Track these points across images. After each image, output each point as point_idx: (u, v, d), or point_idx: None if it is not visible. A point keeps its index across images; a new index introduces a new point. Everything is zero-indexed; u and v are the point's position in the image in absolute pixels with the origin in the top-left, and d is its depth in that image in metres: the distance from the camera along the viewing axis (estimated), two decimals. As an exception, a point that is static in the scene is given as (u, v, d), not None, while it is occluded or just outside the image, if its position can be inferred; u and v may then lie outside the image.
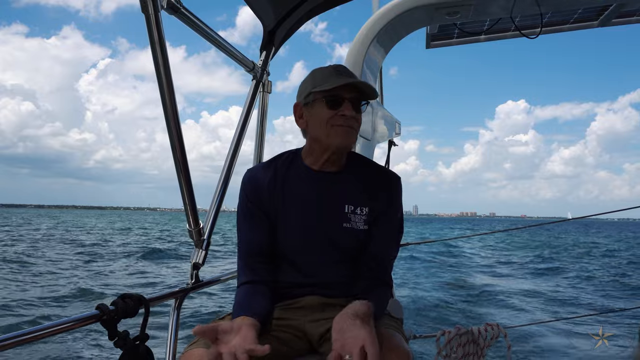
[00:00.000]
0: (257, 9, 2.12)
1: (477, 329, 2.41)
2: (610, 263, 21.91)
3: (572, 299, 12.57)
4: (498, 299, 12.19)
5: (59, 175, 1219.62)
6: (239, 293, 1.45)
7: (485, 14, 2.76)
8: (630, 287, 14.54)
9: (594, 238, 48.42)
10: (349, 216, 1.50)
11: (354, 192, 1.52)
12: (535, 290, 13.75)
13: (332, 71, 1.45)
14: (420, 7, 2.48)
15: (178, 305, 1.70)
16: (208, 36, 1.82)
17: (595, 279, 16.25)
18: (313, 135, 1.48)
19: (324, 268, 1.50)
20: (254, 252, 1.50)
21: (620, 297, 13.04)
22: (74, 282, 13.33)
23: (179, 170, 1.63)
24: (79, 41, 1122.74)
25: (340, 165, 1.55)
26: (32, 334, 1.17)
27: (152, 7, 1.33)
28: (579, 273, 17.66)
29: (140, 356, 1.43)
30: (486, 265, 20.84)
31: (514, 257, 25.08)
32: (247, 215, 1.52)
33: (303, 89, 1.49)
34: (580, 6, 2.96)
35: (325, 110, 1.43)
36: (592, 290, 13.97)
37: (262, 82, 2.30)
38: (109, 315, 1.35)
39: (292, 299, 1.51)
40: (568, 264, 21.04)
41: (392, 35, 2.75)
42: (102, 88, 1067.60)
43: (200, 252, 1.83)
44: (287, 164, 1.56)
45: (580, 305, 11.78)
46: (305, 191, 1.51)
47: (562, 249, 30.96)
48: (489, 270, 18.98)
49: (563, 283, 15.47)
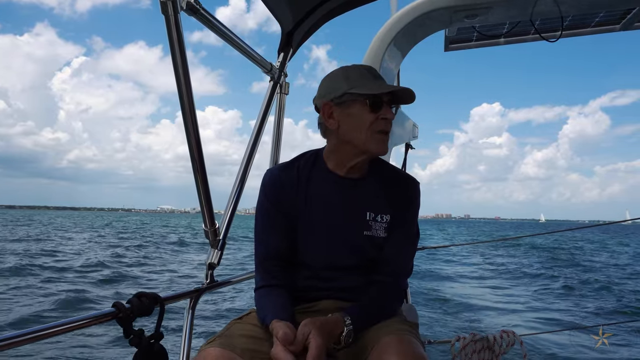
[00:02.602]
0: (276, 11, 2.13)
1: (493, 335, 2.38)
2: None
3: (592, 308, 12.33)
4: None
5: (31, 175, 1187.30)
6: (263, 297, 1.45)
7: (505, 17, 2.73)
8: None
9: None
10: (370, 223, 1.49)
11: (376, 199, 1.51)
12: (552, 298, 13.53)
13: (367, 73, 1.44)
14: (438, 9, 2.46)
15: (193, 305, 1.71)
16: (227, 37, 1.82)
17: (615, 288, 15.92)
18: (346, 138, 1.45)
19: (341, 273, 1.49)
20: (272, 255, 1.49)
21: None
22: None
23: (196, 173, 1.64)
24: (53, 39, 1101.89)
25: (364, 171, 1.53)
26: (50, 329, 1.18)
27: (171, 8, 1.34)
28: (601, 281, 17.32)
29: (155, 354, 1.43)
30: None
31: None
32: (267, 217, 1.51)
33: (334, 88, 1.45)
34: (601, 9, 2.91)
35: (366, 113, 1.41)
36: (615, 300, 13.69)
37: (279, 83, 2.31)
38: (124, 313, 1.36)
39: (308, 302, 1.51)
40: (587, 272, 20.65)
41: (409, 38, 2.74)
42: (76, 87, 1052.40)
43: (215, 252, 1.84)
44: (310, 166, 1.53)
45: (599, 314, 11.56)
46: (328, 196, 1.49)
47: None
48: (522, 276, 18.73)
49: (583, 291, 15.18)
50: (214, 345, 1.30)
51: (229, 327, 1.44)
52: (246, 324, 1.45)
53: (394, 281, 1.50)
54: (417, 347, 1.28)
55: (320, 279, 1.50)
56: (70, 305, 10.35)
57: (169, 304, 1.54)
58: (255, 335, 1.39)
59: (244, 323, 1.46)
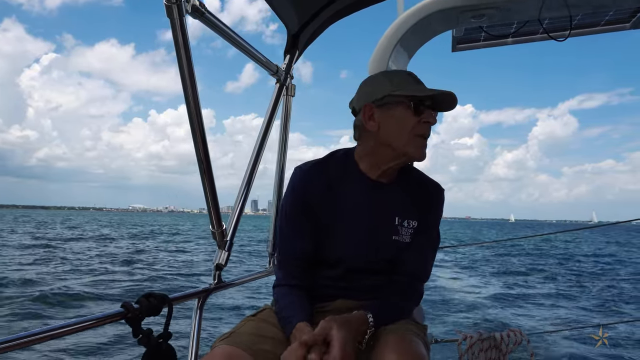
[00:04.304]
0: (281, 13, 2.13)
1: (500, 334, 2.38)
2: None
3: (599, 306, 12.24)
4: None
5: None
6: (285, 296, 1.45)
7: (512, 17, 2.71)
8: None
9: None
10: (398, 228, 1.50)
11: (404, 205, 1.51)
12: (561, 297, 13.44)
13: (409, 77, 1.45)
14: (444, 10, 2.46)
15: (201, 305, 1.73)
16: (232, 40, 1.83)
17: (623, 287, 15.78)
18: (386, 140, 1.45)
19: (363, 275, 1.50)
20: (296, 255, 1.49)
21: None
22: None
23: (202, 174, 1.65)
24: (21, 35, 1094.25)
25: (393, 176, 1.54)
26: (60, 329, 1.21)
27: (177, 11, 1.34)
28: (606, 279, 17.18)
29: (163, 354, 1.45)
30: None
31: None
32: (294, 217, 1.50)
33: (376, 90, 1.45)
34: (611, 8, 2.88)
35: (409, 116, 1.41)
36: (622, 299, 13.58)
37: (285, 85, 2.31)
38: (133, 313, 1.38)
39: (322, 302, 1.51)
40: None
41: (416, 39, 2.73)
42: (46, 84, 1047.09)
43: (223, 253, 1.85)
44: (341, 167, 1.53)
45: (607, 312, 11.47)
46: (358, 198, 1.49)
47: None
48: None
49: (590, 290, 15.08)
50: (225, 342, 1.31)
51: (243, 324, 1.45)
52: (260, 321, 1.46)
53: (413, 283, 1.52)
54: (417, 347, 1.29)
55: (341, 279, 1.50)
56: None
57: (177, 304, 1.56)
58: (267, 334, 1.40)
59: (258, 320, 1.47)
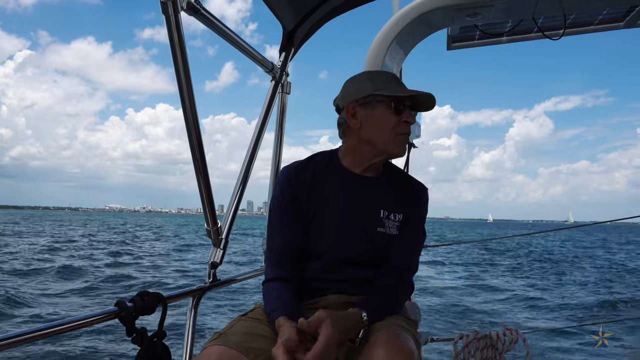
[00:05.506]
0: (277, 10, 2.13)
1: (496, 333, 2.37)
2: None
3: (594, 305, 12.29)
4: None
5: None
6: (272, 290, 1.46)
7: (507, 16, 2.71)
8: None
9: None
10: (383, 221, 1.54)
11: (389, 199, 1.56)
12: (554, 296, 13.49)
13: (391, 78, 1.53)
14: (439, 8, 2.46)
15: (195, 304, 1.72)
16: (228, 37, 1.83)
17: (617, 285, 15.86)
18: (367, 138, 1.51)
19: (352, 267, 1.52)
20: (285, 250, 1.52)
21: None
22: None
23: (198, 173, 1.65)
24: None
25: (379, 171, 1.60)
26: (52, 329, 1.19)
27: (172, 8, 1.34)
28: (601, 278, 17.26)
29: (157, 353, 1.44)
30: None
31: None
32: (282, 212, 1.54)
33: (359, 89, 1.51)
34: (605, 7, 2.89)
35: (390, 115, 1.48)
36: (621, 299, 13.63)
37: (281, 83, 2.31)
38: (127, 312, 1.37)
39: (313, 298, 1.53)
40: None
41: (411, 37, 2.73)
42: (20, 81, 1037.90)
43: (217, 251, 1.84)
44: (325, 164, 1.59)
45: (602, 312, 11.52)
46: (343, 192, 1.54)
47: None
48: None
49: (586, 289, 15.14)
50: (216, 343, 1.31)
51: (234, 323, 1.45)
52: (251, 320, 1.47)
53: (402, 275, 1.55)
54: (406, 342, 1.29)
55: (329, 271, 1.52)
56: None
57: (172, 303, 1.55)
58: (259, 332, 1.40)
59: (249, 319, 1.48)
